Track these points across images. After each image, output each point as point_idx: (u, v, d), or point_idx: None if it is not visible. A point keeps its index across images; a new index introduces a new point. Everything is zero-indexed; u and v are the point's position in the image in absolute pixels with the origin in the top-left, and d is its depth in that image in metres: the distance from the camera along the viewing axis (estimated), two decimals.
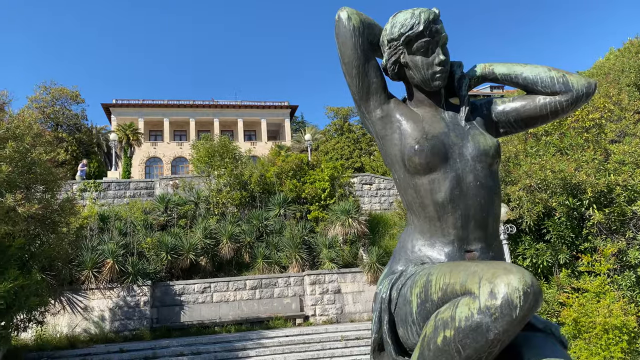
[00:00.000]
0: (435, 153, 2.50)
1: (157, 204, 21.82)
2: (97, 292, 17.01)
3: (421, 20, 2.52)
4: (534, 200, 12.17)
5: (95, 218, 20.13)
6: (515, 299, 1.81)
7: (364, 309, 19.23)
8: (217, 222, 20.64)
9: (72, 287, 16.74)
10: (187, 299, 18.13)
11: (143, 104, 57.48)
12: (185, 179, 24.28)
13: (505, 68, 2.73)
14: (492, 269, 1.95)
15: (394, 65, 2.69)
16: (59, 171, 14.54)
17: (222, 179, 22.04)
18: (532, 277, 1.88)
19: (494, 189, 2.57)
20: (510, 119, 2.74)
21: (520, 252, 12.69)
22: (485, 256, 2.51)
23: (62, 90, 45.21)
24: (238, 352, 13.83)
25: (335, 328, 17.03)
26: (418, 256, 2.57)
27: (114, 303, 17.10)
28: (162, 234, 19.64)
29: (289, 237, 20.07)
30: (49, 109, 43.82)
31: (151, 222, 20.55)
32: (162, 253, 18.58)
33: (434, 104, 2.72)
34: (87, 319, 16.67)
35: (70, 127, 45.34)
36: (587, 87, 2.61)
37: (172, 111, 57.74)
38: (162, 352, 13.66)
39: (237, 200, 21.63)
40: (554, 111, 2.65)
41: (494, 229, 2.58)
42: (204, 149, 23.48)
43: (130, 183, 24.94)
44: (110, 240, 18.51)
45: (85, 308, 16.77)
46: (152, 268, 18.17)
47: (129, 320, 17.02)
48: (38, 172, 11.99)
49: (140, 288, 17.44)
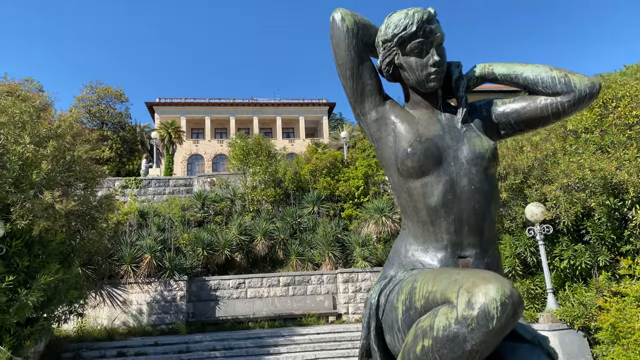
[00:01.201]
0: (429, 156, 2.44)
1: (195, 200, 22.29)
2: (135, 286, 17.52)
3: (414, 20, 2.47)
4: (572, 200, 11.73)
5: (135, 214, 20.75)
6: (492, 310, 1.75)
7: None
8: (251, 219, 20.91)
9: (112, 281, 17.31)
10: (222, 294, 18.44)
11: (185, 103, 58.75)
12: (221, 176, 24.70)
13: (504, 68, 2.64)
14: (472, 278, 1.89)
15: (388, 66, 2.64)
16: (103, 168, 15.08)
17: (257, 176, 22.30)
18: (512, 288, 1.81)
19: (490, 193, 2.48)
20: (511, 120, 2.64)
21: (557, 253, 12.28)
22: (480, 262, 2.43)
23: (107, 89, 46.84)
24: (269, 348, 13.97)
25: None
26: (410, 261, 2.52)
27: (151, 297, 17.58)
28: (199, 230, 20.06)
29: (322, 234, 20.11)
30: (94, 108, 45.50)
31: (188, 219, 21.01)
32: (198, 249, 18.98)
33: (431, 105, 2.65)
34: (125, 312, 17.21)
35: (114, 126, 46.93)
36: (590, 87, 2.48)
37: (213, 109, 58.76)
38: (195, 347, 13.96)
39: (271, 197, 21.84)
40: (556, 112, 2.54)
41: (490, 235, 2.50)
42: (239, 147, 23.80)
43: (169, 180, 25.55)
44: (148, 235, 19.05)
45: (124, 301, 17.32)
46: (189, 263, 18.58)
47: (165, 314, 17.47)
48: (77, 170, 12.43)
49: (176, 283, 17.86)
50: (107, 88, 47.99)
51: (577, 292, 11.91)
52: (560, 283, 12.54)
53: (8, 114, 11.19)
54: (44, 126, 11.58)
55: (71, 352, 13.38)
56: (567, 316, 11.41)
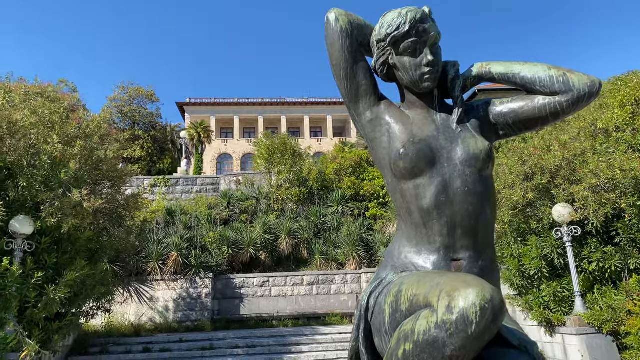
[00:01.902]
0: (421, 157, 2.40)
1: (221, 199, 22.56)
2: (162, 283, 17.84)
3: (407, 20, 2.43)
4: (601, 200, 11.37)
5: (163, 212, 21.12)
6: (471, 315, 1.72)
7: None
8: (276, 218, 21.04)
9: (139, 278, 17.67)
10: (246, 292, 18.61)
11: (215, 103, 59.48)
12: (247, 175, 24.94)
13: (502, 67, 2.57)
14: (453, 282, 1.86)
15: (382, 66, 2.62)
16: (134, 167, 15.42)
17: (282, 175, 22.42)
18: (494, 292, 1.77)
19: (484, 195, 2.42)
20: (509, 120, 2.58)
21: (586, 255, 11.91)
22: (473, 265, 2.38)
23: (138, 89, 47.85)
24: (291, 347, 14.02)
25: None
26: (403, 263, 2.49)
27: (177, 294, 17.87)
28: (224, 229, 20.29)
29: (346, 234, 20.07)
30: (126, 108, 46.54)
31: (214, 217, 21.28)
32: (223, 247, 19.19)
33: (426, 105, 2.62)
34: (152, 309, 17.54)
35: (145, 125, 47.87)
36: (590, 86, 2.40)
37: (241, 109, 59.33)
38: (219, 344, 14.12)
39: (296, 196, 21.92)
40: (554, 112, 2.46)
41: (485, 238, 2.44)
42: (265, 146, 23.97)
43: (197, 179, 25.94)
44: (175, 233, 19.37)
45: (151, 298, 17.66)
46: (214, 261, 18.82)
47: (191, 311, 17.73)
48: (104, 169, 12.72)
49: (202, 280, 18.10)
50: (139, 88, 49.00)
51: (606, 295, 11.54)
52: (589, 286, 12.17)
53: (38, 114, 11.52)
54: (72, 126, 11.88)
55: (99, 347, 13.71)
56: (596, 320, 11.08)
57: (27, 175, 10.69)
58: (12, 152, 10.83)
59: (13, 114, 10.94)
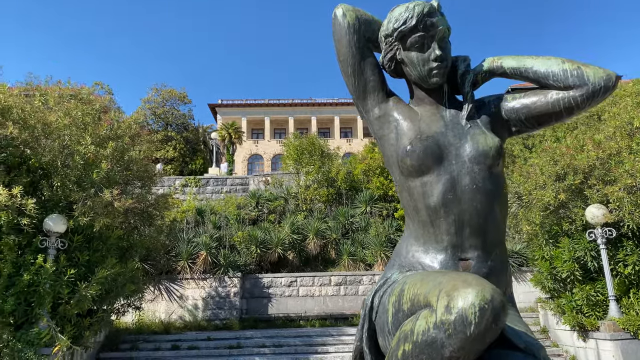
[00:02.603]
0: (428, 154, 2.36)
1: (249, 199, 22.76)
2: (191, 281, 18.10)
3: (414, 14, 2.39)
4: (637, 201, 10.97)
5: (193, 212, 21.43)
6: (470, 315, 1.67)
7: None
8: (304, 218, 21.09)
9: (170, 276, 17.97)
10: (274, 291, 18.71)
11: (246, 104, 60.13)
12: (276, 175, 25.09)
13: (514, 61, 2.49)
14: (453, 282, 1.82)
15: (390, 62, 2.59)
16: (166, 167, 15.68)
17: (310, 175, 22.47)
18: (494, 292, 1.71)
19: (494, 192, 2.36)
20: (521, 116, 2.50)
21: (621, 258, 11.51)
22: (482, 265, 2.32)
23: (171, 91, 48.80)
24: (317, 347, 14.01)
25: None
26: (410, 262, 2.45)
27: (206, 293, 18.10)
28: (253, 228, 20.46)
29: (374, 234, 19.95)
30: (159, 110, 47.50)
31: (243, 217, 21.48)
32: (252, 246, 19.34)
33: (435, 101, 2.57)
34: (182, 307, 17.81)
35: (178, 127, 48.74)
36: (605, 79, 2.30)
37: (272, 110, 59.81)
38: (246, 343, 14.23)
39: (324, 196, 21.92)
40: (568, 107, 2.38)
41: (494, 237, 2.38)
42: (293, 146, 24.07)
43: (226, 179, 26.25)
44: (204, 233, 19.63)
45: (181, 296, 17.94)
46: (243, 261, 18.98)
47: (219, 309, 17.93)
48: (135, 169, 12.99)
49: (230, 279, 18.28)
50: (172, 90, 49.95)
51: None
52: (624, 290, 11.76)
53: (72, 116, 11.86)
54: (103, 127, 12.18)
55: (129, 344, 14.01)
56: (631, 325, 10.70)
57: (61, 175, 11.01)
58: (47, 153, 11.17)
59: (47, 116, 11.29)
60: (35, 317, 10.24)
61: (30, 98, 12.45)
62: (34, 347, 9.88)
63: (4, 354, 9.55)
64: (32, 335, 9.98)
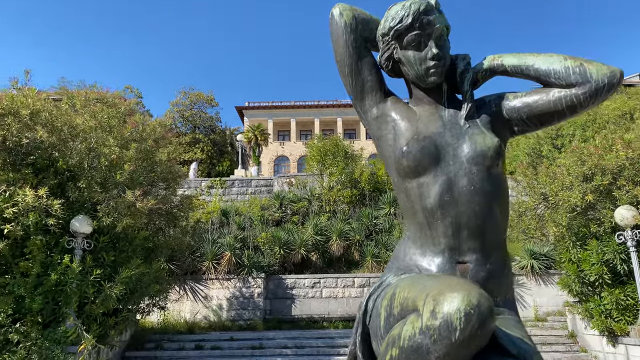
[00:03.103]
0: (425, 155, 2.31)
1: (273, 200, 22.88)
2: (216, 282, 18.28)
3: (410, 12, 2.34)
4: None
5: (218, 213, 21.67)
6: (455, 321, 1.63)
7: None
8: (327, 220, 21.08)
9: (194, 276, 18.19)
10: (297, 292, 18.74)
11: (272, 106, 60.51)
12: (300, 177, 25.15)
13: (515, 59, 2.42)
14: (440, 286, 1.78)
15: (387, 61, 2.54)
16: (183, 170, 15.95)
17: (334, 177, 22.45)
18: (481, 297, 1.66)
19: (493, 194, 2.29)
20: (522, 115, 2.42)
21: None
22: (481, 268, 2.26)
23: (199, 94, 49.59)
24: (339, 349, 13.97)
25: None
26: (408, 265, 2.40)
27: (230, 293, 18.25)
28: (276, 230, 20.55)
29: (398, 236, 19.79)
30: (187, 113, 48.32)
31: (267, 218, 21.61)
32: (275, 247, 19.43)
33: (434, 101, 2.51)
34: (207, 307, 18.01)
35: (206, 129, 49.47)
36: (609, 77, 2.22)
37: (298, 112, 60.02)
38: (268, 344, 14.30)
39: (347, 198, 21.88)
40: (571, 106, 2.29)
41: (493, 239, 2.31)
42: (316, 148, 24.11)
43: (251, 181, 26.46)
44: (229, 234, 19.82)
45: (206, 296, 18.13)
46: (266, 261, 19.07)
47: (243, 310, 18.05)
48: (159, 170, 13.20)
49: (254, 280, 18.39)
50: (199, 93, 50.70)
51: None
52: None
53: (97, 119, 12.14)
54: (128, 130, 12.42)
55: (154, 343, 14.24)
56: None
57: (86, 177, 11.26)
58: (74, 155, 11.45)
59: (74, 119, 11.58)
60: (62, 316, 10.50)
61: (59, 102, 12.80)
62: (61, 345, 10.14)
63: (33, 352, 9.80)
64: (59, 334, 10.22)
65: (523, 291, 17.57)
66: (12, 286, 9.83)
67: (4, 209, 9.37)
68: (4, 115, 10.06)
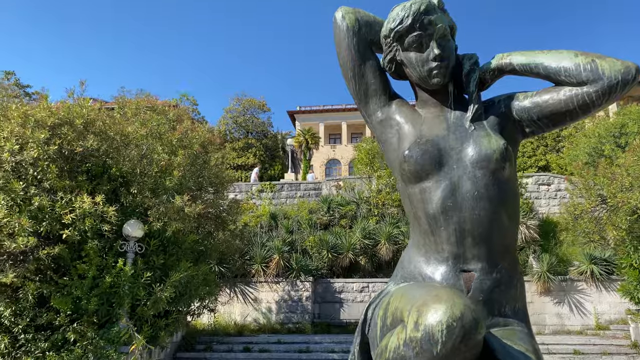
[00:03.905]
0: (426, 159, 2.23)
1: (321, 204, 22.93)
2: (265, 285, 18.51)
3: (410, 12, 2.27)
4: None
5: (267, 216, 21.95)
6: (437, 333, 1.58)
7: (534, 321, 17.53)
8: (376, 223, 20.89)
9: (244, 279, 18.50)
10: (346, 297, 18.68)
11: (323, 110, 60.73)
12: (348, 180, 25.07)
13: (524, 57, 2.30)
14: (426, 296, 1.73)
15: (390, 63, 2.48)
16: (234, 174, 16.26)
17: (382, 180, 22.23)
18: (465, 309, 1.59)
19: (499, 199, 2.18)
20: (533, 116, 2.30)
21: None
22: (486, 277, 2.16)
23: (251, 100, 50.54)
24: None
25: None
26: (412, 273, 2.33)
27: (279, 296, 18.42)
28: (324, 233, 20.58)
29: None
30: (240, 118, 49.35)
31: (315, 221, 21.67)
32: (323, 251, 19.45)
33: (439, 103, 2.43)
34: (256, 310, 18.27)
35: (258, 134, 50.33)
36: (623, 73, 2.06)
37: (349, 115, 59.88)
38: (315, 347, 14.32)
39: (396, 201, 21.58)
40: (583, 105, 2.15)
41: (501, 247, 2.21)
42: (364, 150, 23.97)
43: (300, 184, 26.65)
44: (277, 237, 20.03)
45: (255, 299, 18.40)
46: (314, 265, 19.14)
47: (292, 313, 18.18)
48: (206, 176, 13.52)
49: (302, 284, 18.48)
50: (251, 99, 51.66)
51: None
52: None
53: (148, 126, 12.59)
54: (175, 136, 12.80)
55: (204, 344, 14.57)
56: None
57: (138, 183, 11.69)
58: (127, 162, 11.91)
59: (125, 127, 12.06)
60: (116, 317, 10.92)
61: (112, 111, 13.39)
62: (114, 345, 10.55)
63: (88, 351, 10.24)
64: (113, 334, 10.65)
65: (582, 297, 16.74)
66: (70, 287, 10.32)
67: (63, 214, 9.86)
68: (61, 125, 10.61)
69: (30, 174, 10.01)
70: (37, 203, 9.70)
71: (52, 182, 10.06)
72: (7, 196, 9.60)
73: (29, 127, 10.14)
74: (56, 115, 10.52)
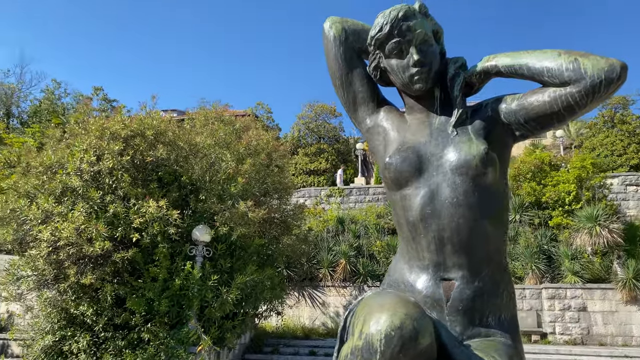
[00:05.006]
0: (405, 166, 2.23)
1: (389, 208, 22.67)
2: (332, 289, 18.63)
3: (389, 19, 2.28)
4: None
5: (335, 221, 22.06)
6: (376, 342, 1.62)
7: (619, 331, 16.39)
8: None
9: (312, 283, 18.72)
10: None
11: None
12: None
13: (508, 59, 2.23)
14: (375, 305, 1.80)
15: (375, 71, 2.50)
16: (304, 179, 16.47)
17: None
18: (406, 319, 1.63)
19: (480, 206, 2.13)
20: (520, 119, 2.22)
21: None
22: (467, 286, 2.13)
23: (322, 106, 51.03)
24: None
25: (581, 351, 15.02)
26: (396, 280, 2.36)
27: (346, 301, 18.45)
28: (392, 238, 20.33)
29: (524, 245, 18.47)
30: (312, 124, 50.03)
31: (383, 226, 21.49)
32: (390, 256, 19.23)
33: (425, 109, 2.41)
34: (324, 314, 18.41)
35: (330, 139, 50.71)
36: (607, 71, 1.93)
37: None
38: None
39: None
40: (568, 107, 2.05)
41: (484, 255, 2.16)
42: None
43: (369, 189, 26.52)
44: (344, 241, 20.08)
45: (323, 303, 18.55)
46: (382, 270, 18.98)
47: None
48: (269, 182, 13.87)
49: (370, 289, 18.37)
50: (323, 105, 52.14)
51: None
52: None
53: (216, 136, 13.13)
54: (242, 145, 13.24)
55: (271, 347, 14.89)
56: None
57: (207, 190, 12.22)
58: (196, 170, 12.49)
59: (194, 137, 12.66)
60: (186, 318, 11.46)
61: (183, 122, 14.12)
62: (184, 345, 11.07)
63: (160, 350, 10.81)
64: (182, 335, 11.16)
65: None
66: (144, 290, 10.96)
67: (134, 219, 10.51)
68: (134, 137, 11.34)
69: (107, 182, 10.77)
70: (112, 210, 10.43)
71: (125, 189, 10.76)
72: (85, 204, 10.38)
73: (105, 139, 10.93)
74: (129, 128, 11.25)
